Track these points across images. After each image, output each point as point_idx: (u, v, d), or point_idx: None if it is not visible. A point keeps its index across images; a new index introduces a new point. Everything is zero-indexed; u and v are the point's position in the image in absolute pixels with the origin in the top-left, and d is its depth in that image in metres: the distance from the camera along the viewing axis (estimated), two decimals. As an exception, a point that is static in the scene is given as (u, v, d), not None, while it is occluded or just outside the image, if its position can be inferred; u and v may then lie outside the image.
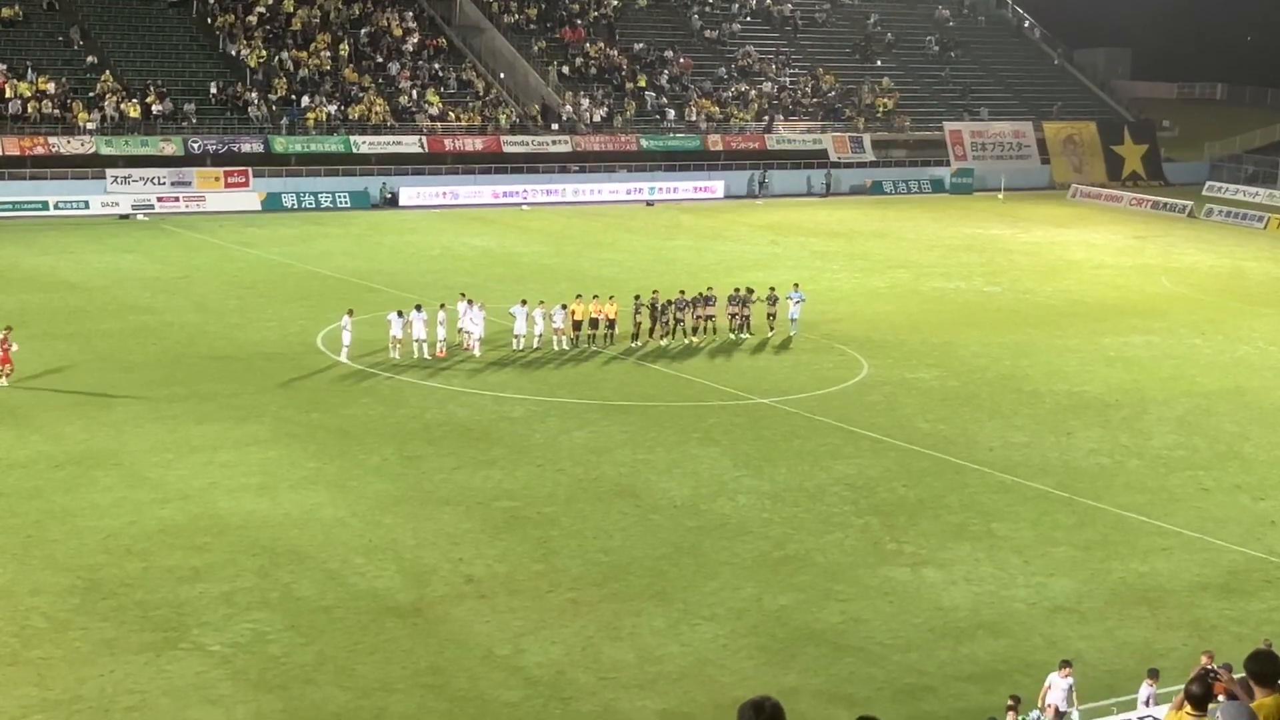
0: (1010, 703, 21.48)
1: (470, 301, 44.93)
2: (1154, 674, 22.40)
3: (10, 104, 73.10)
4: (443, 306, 44.87)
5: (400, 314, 43.51)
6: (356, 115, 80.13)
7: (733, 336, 47.44)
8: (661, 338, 46.57)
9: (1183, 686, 11.99)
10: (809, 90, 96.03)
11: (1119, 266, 66.73)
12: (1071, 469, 35.47)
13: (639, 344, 46.16)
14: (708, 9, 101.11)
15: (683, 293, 47.96)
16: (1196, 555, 30.18)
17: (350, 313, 43.25)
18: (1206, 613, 27.32)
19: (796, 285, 49.71)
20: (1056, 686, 22.15)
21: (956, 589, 27.80)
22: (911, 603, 27.06)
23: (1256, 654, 10.91)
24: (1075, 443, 37.72)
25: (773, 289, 49.29)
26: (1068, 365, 46.12)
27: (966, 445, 37.07)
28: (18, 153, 71.42)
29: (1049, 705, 22.07)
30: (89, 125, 73.56)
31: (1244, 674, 10.99)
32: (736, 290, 48.40)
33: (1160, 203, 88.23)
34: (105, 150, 72.82)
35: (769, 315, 48.19)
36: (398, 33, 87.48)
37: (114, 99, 75.11)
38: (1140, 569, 29.26)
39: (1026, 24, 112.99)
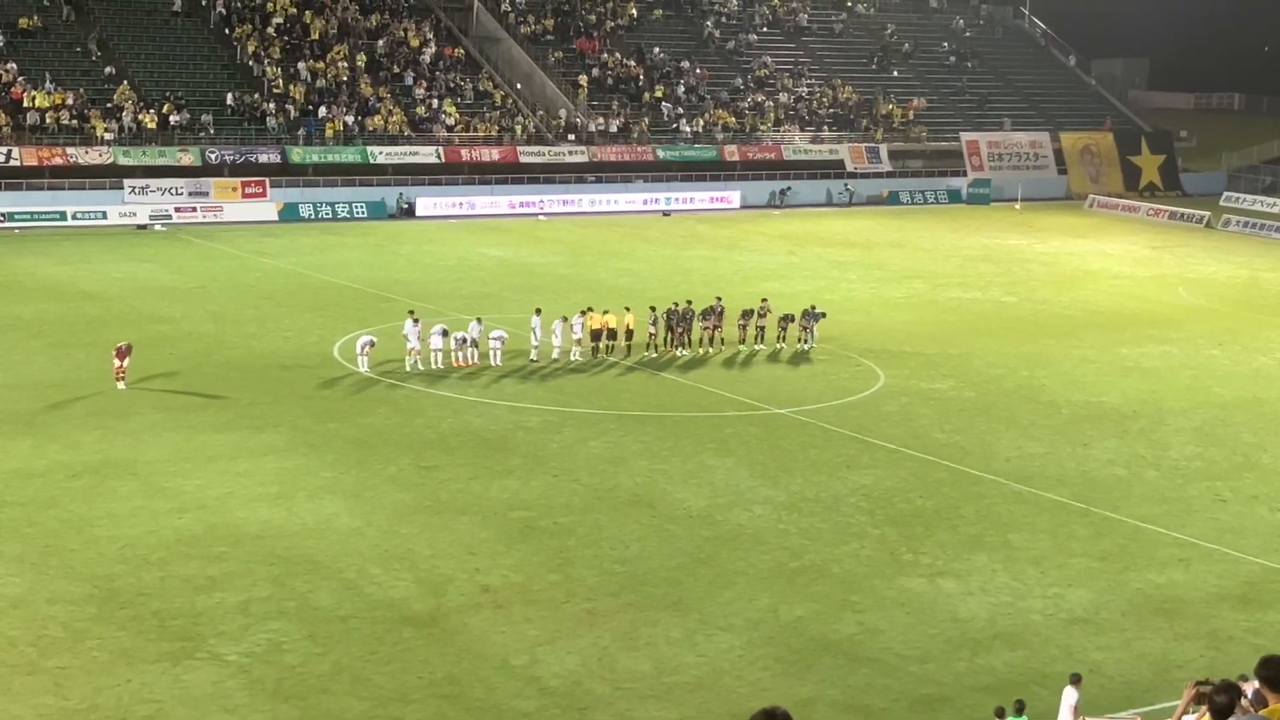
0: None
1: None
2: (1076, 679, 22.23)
3: (28, 114, 73.45)
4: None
5: (417, 320, 43.55)
6: (374, 126, 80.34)
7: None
8: (678, 348, 46.55)
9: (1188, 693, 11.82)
10: (825, 101, 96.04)
11: (1136, 277, 66.59)
12: (1088, 479, 35.37)
13: (656, 354, 46.18)
14: (724, 20, 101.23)
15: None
16: (1214, 566, 30.05)
17: (373, 344, 43.04)
18: (1224, 624, 27.20)
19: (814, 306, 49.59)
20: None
21: (973, 600, 27.73)
22: (928, 613, 26.99)
23: (1267, 660, 10.66)
24: (1092, 453, 37.62)
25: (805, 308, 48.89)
26: (1085, 376, 46.01)
27: (983, 456, 37.00)
28: (36, 163, 71.76)
29: None
30: (106, 135, 73.84)
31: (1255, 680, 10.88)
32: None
33: (1177, 213, 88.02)
34: (123, 160, 73.08)
35: (803, 328, 47.95)
36: (415, 43, 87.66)
37: (131, 109, 75.42)
38: (1157, 580, 29.16)
39: (1043, 33, 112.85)
